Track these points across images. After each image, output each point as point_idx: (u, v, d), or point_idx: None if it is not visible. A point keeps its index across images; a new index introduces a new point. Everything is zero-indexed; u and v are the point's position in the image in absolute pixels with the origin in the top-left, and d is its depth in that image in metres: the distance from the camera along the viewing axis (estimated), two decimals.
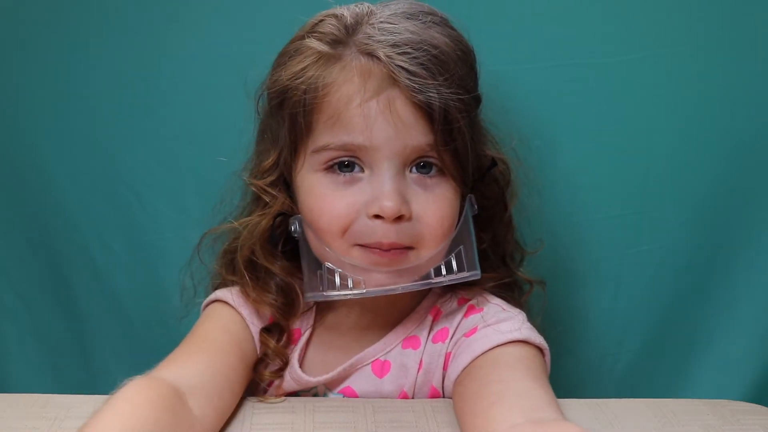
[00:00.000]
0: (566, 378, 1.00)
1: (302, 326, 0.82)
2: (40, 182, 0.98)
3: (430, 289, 0.82)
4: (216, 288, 0.84)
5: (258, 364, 0.79)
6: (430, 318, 0.81)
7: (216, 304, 0.81)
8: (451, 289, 0.81)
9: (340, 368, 0.79)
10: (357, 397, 0.79)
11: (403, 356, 0.79)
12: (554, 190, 0.96)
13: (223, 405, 0.70)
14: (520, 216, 0.88)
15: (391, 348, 0.80)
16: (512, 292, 0.85)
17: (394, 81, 0.71)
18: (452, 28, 0.76)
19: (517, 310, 0.79)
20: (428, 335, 0.80)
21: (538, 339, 0.75)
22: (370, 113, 0.71)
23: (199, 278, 0.87)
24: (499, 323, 0.75)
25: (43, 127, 0.97)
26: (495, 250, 0.84)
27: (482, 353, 0.73)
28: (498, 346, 0.73)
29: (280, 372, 0.79)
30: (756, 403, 0.77)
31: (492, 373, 0.71)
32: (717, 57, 0.93)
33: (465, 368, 0.73)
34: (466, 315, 0.79)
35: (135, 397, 0.62)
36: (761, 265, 0.97)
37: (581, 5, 0.92)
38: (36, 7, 0.95)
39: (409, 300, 0.81)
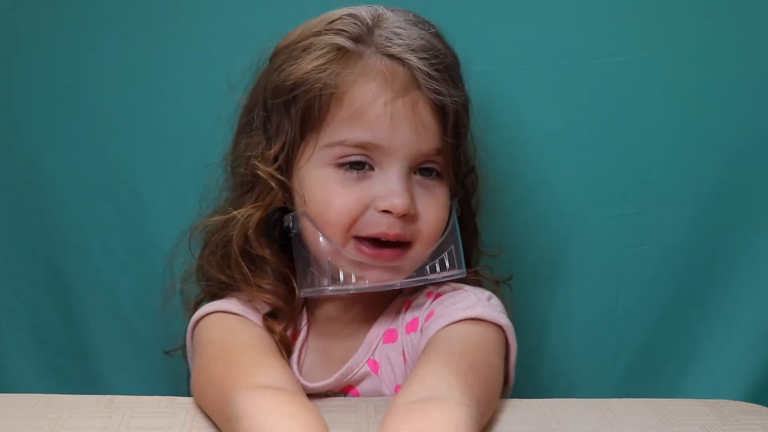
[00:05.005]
0: (566, 378, 1.01)
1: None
2: (40, 182, 0.98)
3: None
4: (206, 295, 0.84)
5: None
6: (403, 310, 0.81)
7: (215, 316, 0.78)
8: (422, 287, 0.82)
9: (337, 374, 0.79)
10: (359, 396, 0.80)
11: (387, 350, 0.80)
12: (554, 190, 0.96)
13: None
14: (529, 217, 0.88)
15: (375, 346, 0.80)
16: None
17: (417, 84, 0.73)
18: (444, 38, 0.79)
19: (481, 290, 0.79)
20: (402, 327, 0.80)
21: (495, 316, 0.74)
22: (396, 113, 0.72)
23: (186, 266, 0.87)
24: (454, 304, 0.76)
25: (44, 128, 0.97)
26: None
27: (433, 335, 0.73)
28: (447, 326, 0.73)
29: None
30: (756, 403, 0.77)
31: (421, 357, 0.71)
32: (717, 57, 0.93)
33: None
34: (432, 302, 0.79)
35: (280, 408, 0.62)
36: (761, 265, 0.97)
37: (582, 5, 0.92)
38: (36, 8, 0.95)
39: (388, 297, 0.82)
